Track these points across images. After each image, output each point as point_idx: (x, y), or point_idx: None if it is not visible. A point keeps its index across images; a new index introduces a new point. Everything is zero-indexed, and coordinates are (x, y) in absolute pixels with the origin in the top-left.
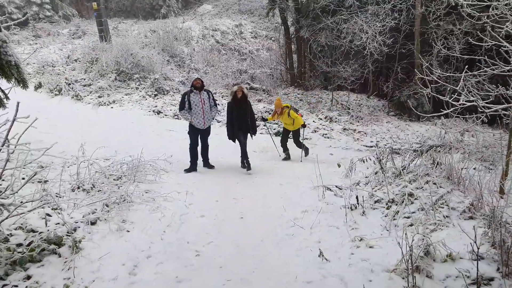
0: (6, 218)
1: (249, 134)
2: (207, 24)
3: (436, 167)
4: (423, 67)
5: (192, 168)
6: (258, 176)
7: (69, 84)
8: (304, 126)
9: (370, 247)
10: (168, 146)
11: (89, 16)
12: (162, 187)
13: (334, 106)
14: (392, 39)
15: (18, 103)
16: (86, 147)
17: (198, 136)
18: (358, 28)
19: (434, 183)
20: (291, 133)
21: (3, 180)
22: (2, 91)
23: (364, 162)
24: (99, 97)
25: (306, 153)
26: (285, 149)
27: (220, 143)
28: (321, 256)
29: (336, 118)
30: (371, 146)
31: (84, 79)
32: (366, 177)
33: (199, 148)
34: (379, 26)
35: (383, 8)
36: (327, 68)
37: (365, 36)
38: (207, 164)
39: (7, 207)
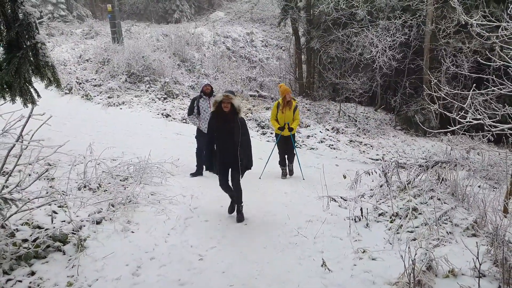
0: (15, 213)
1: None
2: (218, 30)
3: (441, 183)
4: (432, 83)
5: (198, 172)
6: (263, 183)
7: (80, 83)
8: (291, 129)
9: (372, 259)
10: (175, 149)
11: (102, 17)
12: (168, 189)
13: (341, 118)
14: (401, 54)
15: (31, 103)
16: (94, 147)
17: (205, 141)
18: (368, 42)
19: (439, 199)
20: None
21: (10, 176)
22: (35, 89)
23: (369, 174)
24: (109, 97)
25: (291, 172)
26: (284, 163)
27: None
28: (324, 266)
29: (343, 129)
30: (377, 159)
31: (95, 79)
32: (371, 189)
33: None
34: (389, 41)
35: (394, 23)
36: (336, 79)
37: (375, 50)
38: (212, 168)
39: (16, 202)
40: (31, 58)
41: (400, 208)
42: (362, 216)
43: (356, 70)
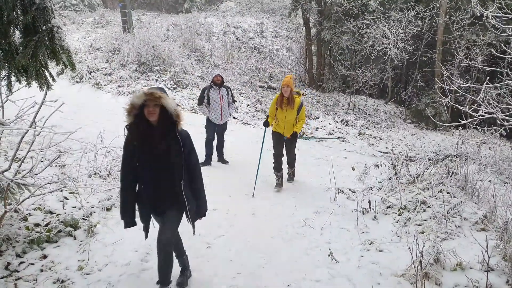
0: (28, 197)
1: (184, 216)
2: (229, 21)
3: (450, 176)
4: (444, 76)
5: (207, 162)
6: (272, 174)
7: (91, 72)
8: (295, 134)
9: (380, 251)
10: None
11: (113, 7)
12: None
13: (351, 110)
14: (413, 46)
15: (45, 88)
16: (104, 135)
17: (215, 131)
18: (380, 34)
19: (448, 193)
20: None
21: (23, 162)
22: (50, 73)
23: (378, 167)
24: (119, 86)
25: (292, 178)
26: (280, 168)
27: (236, 140)
28: (331, 256)
29: (352, 122)
30: (386, 152)
31: (105, 68)
32: (379, 182)
33: (214, 143)
34: (401, 33)
35: (407, 15)
36: (346, 71)
37: (386, 42)
38: (221, 159)
39: (28, 187)
40: (47, 42)
41: (409, 201)
42: (370, 208)
43: (367, 62)
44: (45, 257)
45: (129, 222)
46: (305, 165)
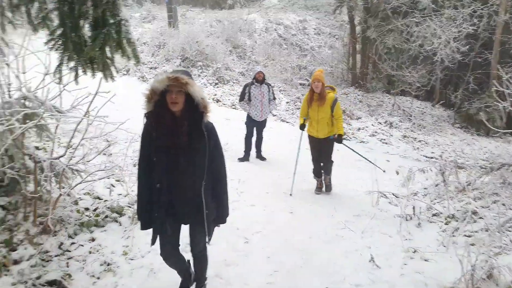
0: (80, 183)
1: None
2: (271, 17)
3: (506, 187)
4: (503, 78)
5: (245, 158)
6: (311, 174)
7: (137, 65)
8: (340, 137)
9: (425, 260)
10: (224, 134)
11: (160, 2)
12: None
13: (395, 111)
14: (467, 47)
15: (101, 78)
16: None
17: (254, 127)
18: (430, 32)
19: (503, 204)
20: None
21: (74, 148)
22: (114, 66)
23: (424, 172)
24: None
25: (329, 187)
26: (320, 174)
27: (274, 137)
28: (372, 261)
29: (396, 124)
30: (432, 157)
31: (151, 62)
32: (425, 188)
33: (253, 139)
34: (455, 32)
35: (461, 13)
36: (392, 71)
37: (437, 41)
38: (259, 155)
39: (81, 173)
40: (114, 35)
41: (457, 210)
42: (414, 214)
43: (415, 62)
44: (93, 240)
45: (145, 224)
46: (345, 167)
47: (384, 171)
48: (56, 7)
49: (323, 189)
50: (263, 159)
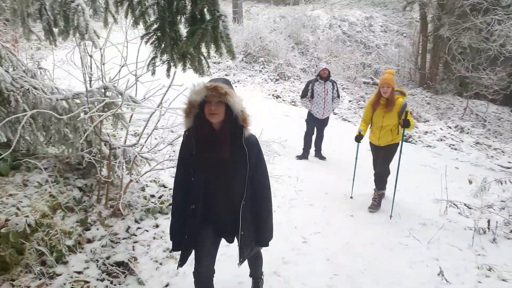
0: (149, 171)
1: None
2: (336, 13)
3: None
4: None
5: (304, 155)
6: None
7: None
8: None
9: (502, 280)
10: (283, 130)
11: None
12: (274, 168)
13: (467, 116)
14: None
15: (174, 71)
16: None
17: (315, 125)
18: None
19: None
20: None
21: (144, 138)
22: (206, 61)
23: (501, 183)
24: (226, 75)
25: (377, 205)
26: (384, 185)
27: (335, 136)
28: (441, 275)
29: (468, 129)
30: (509, 168)
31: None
32: (502, 201)
33: (313, 137)
34: None
35: None
36: (466, 72)
37: None
38: (319, 154)
39: (150, 162)
40: (211, 31)
41: None
42: (488, 229)
43: (494, 64)
44: (157, 226)
45: (178, 245)
46: (409, 172)
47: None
48: (155, 2)
49: (368, 205)
50: (322, 158)
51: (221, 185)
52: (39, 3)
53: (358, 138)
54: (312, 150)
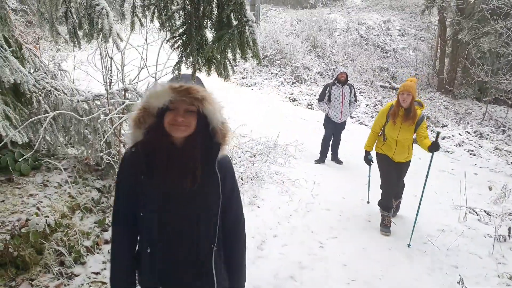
0: None
1: None
2: (353, 17)
3: None
4: None
5: (321, 159)
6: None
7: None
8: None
9: None
10: (299, 133)
11: None
12: (290, 172)
13: (486, 121)
14: None
15: (193, 74)
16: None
17: (333, 129)
18: None
19: None
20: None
21: None
22: (231, 65)
23: None
24: (243, 78)
25: (395, 211)
26: (391, 206)
27: (352, 140)
28: (460, 283)
29: (487, 134)
30: None
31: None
32: None
33: (330, 141)
34: None
35: None
36: (486, 77)
37: None
38: (335, 158)
39: None
40: (237, 36)
41: None
42: (509, 236)
43: None
44: None
45: None
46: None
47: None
48: (182, 7)
49: (390, 225)
50: (339, 162)
51: (183, 226)
52: (65, 6)
53: (368, 156)
54: (329, 154)
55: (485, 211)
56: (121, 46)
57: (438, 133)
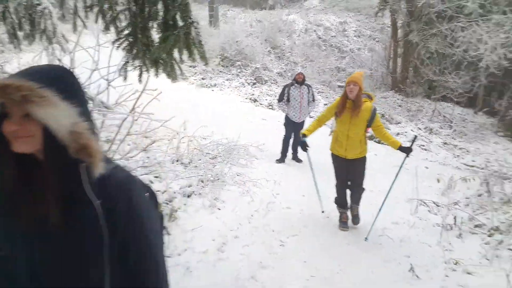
0: None
1: None
2: (311, 18)
3: None
4: None
5: (282, 159)
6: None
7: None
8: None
9: (467, 273)
10: (261, 134)
11: (201, 1)
12: (252, 172)
13: (435, 117)
14: None
15: (148, 77)
16: (187, 124)
17: (292, 128)
18: (476, 38)
19: None
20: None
21: (113, 144)
22: (179, 67)
23: (466, 181)
24: (202, 79)
25: (357, 219)
26: (346, 203)
27: (311, 139)
28: (411, 271)
29: (436, 130)
30: (472, 166)
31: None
32: (466, 198)
33: (291, 141)
34: (502, 38)
35: (510, 19)
36: (434, 76)
37: (483, 47)
38: (295, 157)
39: None
40: (183, 37)
41: (502, 223)
42: (455, 225)
43: (458, 68)
44: None
45: None
46: (383, 172)
47: (323, 211)
48: (127, 8)
49: (349, 221)
50: (299, 161)
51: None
52: (2, 5)
53: (302, 144)
54: (290, 153)
55: (433, 202)
56: (69, 48)
57: (415, 137)
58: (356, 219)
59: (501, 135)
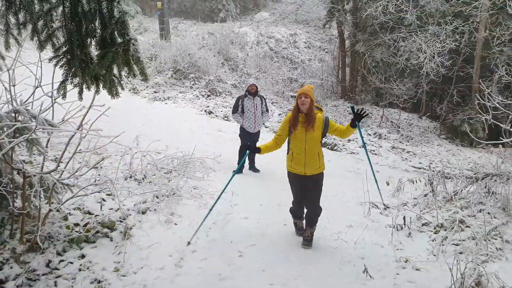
0: (71, 198)
1: None
2: (262, 31)
3: (490, 196)
4: (486, 92)
5: (239, 169)
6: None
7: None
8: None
9: (416, 269)
10: (217, 146)
11: (151, 14)
12: (209, 185)
13: (384, 123)
14: (450, 61)
15: (95, 92)
16: (140, 139)
17: (248, 139)
18: (416, 47)
19: (488, 213)
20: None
21: (61, 162)
22: (120, 82)
23: (413, 183)
24: (155, 92)
25: (309, 241)
26: (302, 215)
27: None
28: (365, 272)
29: (385, 135)
30: (420, 168)
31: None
32: (414, 198)
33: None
34: (439, 47)
35: (444, 29)
36: (380, 84)
37: (422, 56)
38: (253, 167)
39: (71, 188)
40: (122, 54)
41: (446, 220)
42: (404, 224)
43: (402, 76)
44: (83, 256)
45: None
46: (336, 177)
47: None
48: (63, 25)
49: (301, 242)
50: (256, 170)
51: None
52: None
53: (256, 148)
54: (246, 164)
55: (384, 204)
56: (6, 65)
57: (352, 107)
58: (307, 241)
59: (443, 137)
